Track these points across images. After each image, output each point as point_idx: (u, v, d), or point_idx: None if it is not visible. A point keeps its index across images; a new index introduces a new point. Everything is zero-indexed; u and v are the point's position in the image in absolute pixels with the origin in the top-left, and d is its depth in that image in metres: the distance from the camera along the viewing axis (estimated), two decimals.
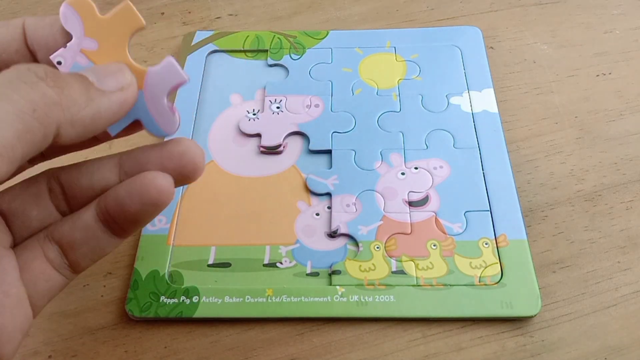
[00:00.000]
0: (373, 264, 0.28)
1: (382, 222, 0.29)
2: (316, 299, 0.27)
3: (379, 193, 0.30)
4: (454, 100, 0.34)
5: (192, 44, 0.37)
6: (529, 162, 0.32)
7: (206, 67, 0.36)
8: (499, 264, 0.28)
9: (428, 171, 0.31)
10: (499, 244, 0.28)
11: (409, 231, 0.29)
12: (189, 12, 0.41)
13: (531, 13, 0.40)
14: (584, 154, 0.33)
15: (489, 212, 0.29)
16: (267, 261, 0.28)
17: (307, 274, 0.28)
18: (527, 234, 0.29)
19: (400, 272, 0.28)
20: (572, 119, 0.34)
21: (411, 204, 0.30)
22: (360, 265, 0.28)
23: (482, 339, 0.26)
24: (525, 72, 0.37)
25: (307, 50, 0.37)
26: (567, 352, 0.26)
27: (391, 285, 0.27)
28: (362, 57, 0.37)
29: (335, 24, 0.40)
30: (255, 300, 0.27)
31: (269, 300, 0.27)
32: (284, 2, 0.41)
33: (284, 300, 0.27)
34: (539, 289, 0.27)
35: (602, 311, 0.27)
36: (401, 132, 0.33)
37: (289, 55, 0.37)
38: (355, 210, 0.30)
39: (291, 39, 0.38)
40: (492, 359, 0.26)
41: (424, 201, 0.30)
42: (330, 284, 0.27)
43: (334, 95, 0.35)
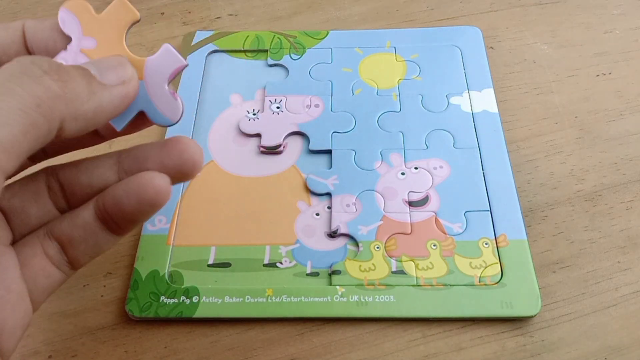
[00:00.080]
0: (373, 264, 0.28)
1: (382, 222, 0.29)
2: (316, 299, 0.27)
3: (379, 193, 0.30)
4: (454, 100, 0.34)
5: (192, 44, 0.37)
6: (529, 162, 0.32)
7: (206, 67, 0.36)
8: (499, 264, 0.28)
9: (428, 171, 0.31)
10: (499, 244, 0.28)
11: (409, 231, 0.29)
12: (189, 12, 0.41)
13: (531, 13, 0.40)
14: (584, 154, 0.33)
15: (489, 212, 0.29)
16: (267, 261, 0.28)
17: (307, 274, 0.28)
18: (527, 234, 0.29)
19: (400, 272, 0.28)
20: (572, 119, 0.34)
21: (411, 204, 0.30)
22: (360, 265, 0.28)
23: (482, 339, 0.26)
24: (525, 72, 0.37)
25: (307, 50, 0.37)
26: (567, 352, 0.26)
27: (391, 285, 0.27)
28: (362, 57, 0.37)
29: (335, 24, 0.40)
30: (255, 300, 0.27)
31: (269, 300, 0.27)
32: (284, 2, 0.41)
33: (284, 300, 0.27)
34: (539, 289, 0.27)
35: (602, 311, 0.27)
36: (401, 132, 0.33)
37: (289, 55, 0.37)
38: (355, 210, 0.30)
39: (291, 39, 0.38)
40: (492, 359, 0.26)
41: (424, 201, 0.30)
42: (330, 284, 0.27)
43: (334, 95, 0.35)
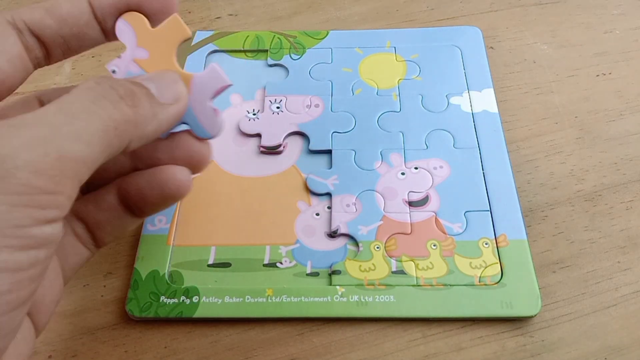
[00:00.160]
0: (373, 264, 0.28)
1: (382, 222, 0.29)
2: (316, 299, 0.27)
3: (379, 193, 0.30)
4: (454, 100, 0.34)
5: (192, 44, 0.37)
6: (529, 162, 0.32)
7: (206, 67, 0.36)
8: (499, 264, 0.28)
9: (428, 171, 0.31)
10: (499, 244, 0.28)
11: (409, 231, 0.29)
12: (189, 12, 0.41)
13: (531, 13, 0.40)
14: (584, 154, 0.33)
15: (489, 212, 0.29)
16: (267, 261, 0.28)
17: (307, 274, 0.28)
18: (527, 234, 0.29)
19: (400, 272, 0.28)
20: (572, 119, 0.34)
21: (411, 204, 0.30)
22: (360, 265, 0.28)
23: (482, 339, 0.26)
24: (525, 72, 0.37)
25: (307, 50, 0.37)
26: (567, 352, 0.26)
27: (391, 285, 0.27)
28: (362, 57, 0.37)
29: (335, 24, 0.40)
30: (255, 300, 0.27)
31: (269, 300, 0.27)
32: (284, 2, 0.41)
33: (284, 300, 0.27)
34: (539, 289, 0.27)
35: (602, 311, 0.27)
36: (401, 132, 0.33)
37: (289, 55, 0.37)
38: (355, 210, 0.30)
39: (291, 39, 0.38)
40: (492, 359, 0.26)
41: (424, 201, 0.30)
42: (330, 284, 0.27)
43: (334, 95, 0.35)
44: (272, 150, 0.32)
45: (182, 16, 0.23)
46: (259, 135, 0.33)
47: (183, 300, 0.27)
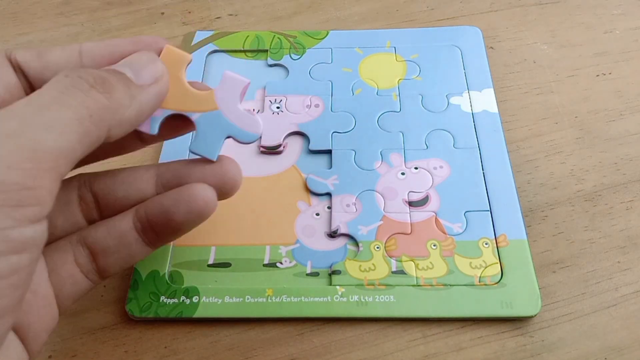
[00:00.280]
0: (373, 264, 0.28)
1: (382, 222, 0.29)
2: (316, 299, 0.27)
3: (379, 193, 0.30)
4: (454, 100, 0.34)
5: (192, 44, 0.37)
6: (529, 162, 0.32)
7: (206, 67, 0.36)
8: (499, 264, 0.28)
9: (428, 171, 0.31)
10: (499, 244, 0.28)
11: (409, 231, 0.29)
12: (189, 12, 0.41)
13: (531, 13, 0.40)
14: (584, 154, 0.33)
15: (489, 212, 0.29)
16: (267, 261, 0.28)
17: (307, 274, 0.28)
18: (527, 234, 0.29)
19: (400, 272, 0.28)
20: (572, 119, 0.34)
21: (411, 204, 0.30)
22: (360, 265, 0.28)
23: (482, 339, 0.26)
24: (525, 72, 0.37)
25: (307, 50, 0.37)
26: (567, 352, 0.26)
27: (391, 285, 0.27)
28: (362, 57, 0.37)
29: (335, 24, 0.40)
30: (255, 300, 0.27)
31: (269, 300, 0.27)
32: (284, 2, 0.41)
33: (284, 300, 0.27)
34: (539, 289, 0.27)
35: (602, 311, 0.27)
36: (401, 132, 0.33)
37: (289, 55, 0.37)
38: (355, 210, 0.30)
39: (291, 39, 0.38)
40: (492, 359, 0.26)
41: (424, 201, 0.30)
42: (330, 284, 0.27)
43: (334, 95, 0.35)
44: (272, 150, 0.32)
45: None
46: None
47: (183, 300, 0.27)
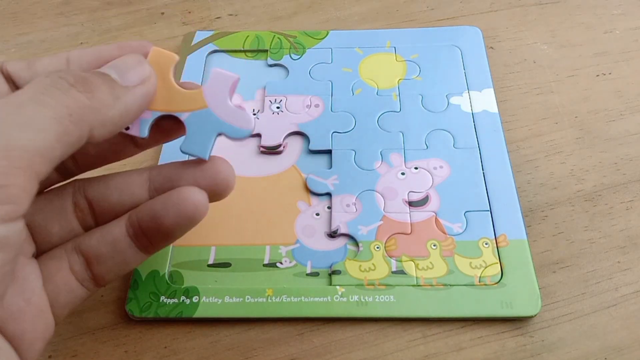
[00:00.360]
0: (373, 264, 0.28)
1: (382, 222, 0.29)
2: (316, 299, 0.27)
3: (379, 193, 0.30)
4: (454, 100, 0.34)
5: (192, 44, 0.37)
6: (529, 162, 0.32)
7: (206, 67, 0.36)
8: (499, 264, 0.28)
9: (428, 171, 0.31)
10: (499, 244, 0.28)
11: (409, 231, 0.29)
12: (189, 12, 0.41)
13: (531, 13, 0.40)
14: (584, 154, 0.33)
15: (489, 212, 0.29)
16: (267, 261, 0.28)
17: (307, 274, 0.28)
18: (527, 234, 0.29)
19: (400, 272, 0.28)
20: (572, 119, 0.34)
21: (411, 204, 0.30)
22: (360, 265, 0.28)
23: (482, 339, 0.26)
24: (525, 72, 0.37)
25: (307, 50, 0.37)
26: (567, 352, 0.26)
27: (391, 285, 0.27)
28: (362, 57, 0.37)
29: (335, 24, 0.40)
30: (255, 300, 0.27)
31: (269, 300, 0.27)
32: (284, 2, 0.41)
33: (284, 300, 0.27)
34: (539, 289, 0.27)
35: (602, 311, 0.27)
36: (401, 132, 0.33)
37: (289, 55, 0.37)
38: (355, 210, 0.30)
39: (291, 39, 0.38)
40: (492, 359, 0.26)
41: (424, 201, 0.30)
42: (330, 284, 0.27)
43: (334, 95, 0.35)
44: (272, 150, 0.32)
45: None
46: (259, 135, 0.33)
47: (183, 300, 0.27)
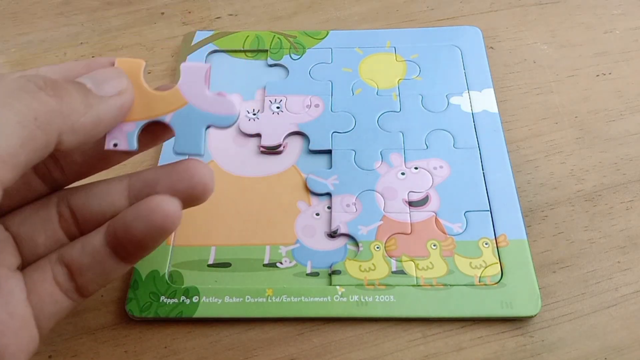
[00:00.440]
0: (373, 264, 0.28)
1: (382, 222, 0.29)
2: (316, 299, 0.27)
3: (379, 193, 0.30)
4: (454, 100, 0.34)
5: (192, 44, 0.37)
6: (529, 162, 0.32)
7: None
8: (499, 264, 0.28)
9: (428, 171, 0.31)
10: (499, 244, 0.28)
11: (409, 231, 0.29)
12: (189, 12, 0.41)
13: (531, 13, 0.40)
14: (584, 154, 0.33)
15: (489, 212, 0.29)
16: (267, 261, 0.28)
17: (307, 274, 0.28)
18: (527, 234, 0.29)
19: (400, 272, 0.28)
20: (572, 119, 0.34)
21: (411, 204, 0.30)
22: (360, 265, 0.28)
23: (482, 339, 0.26)
24: (525, 72, 0.37)
25: (307, 50, 0.37)
26: (567, 352, 0.26)
27: (391, 285, 0.27)
28: (362, 57, 0.37)
29: (335, 24, 0.40)
30: (255, 300, 0.27)
31: (269, 300, 0.27)
32: (284, 2, 0.41)
33: (284, 300, 0.27)
34: (539, 289, 0.27)
35: (602, 311, 0.27)
36: (401, 132, 0.33)
37: (289, 55, 0.37)
38: (355, 210, 0.30)
39: (291, 39, 0.38)
40: (492, 359, 0.26)
41: (424, 201, 0.30)
42: (330, 284, 0.27)
43: (334, 95, 0.35)
44: (272, 150, 0.32)
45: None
46: (259, 135, 0.33)
47: (183, 300, 0.27)
